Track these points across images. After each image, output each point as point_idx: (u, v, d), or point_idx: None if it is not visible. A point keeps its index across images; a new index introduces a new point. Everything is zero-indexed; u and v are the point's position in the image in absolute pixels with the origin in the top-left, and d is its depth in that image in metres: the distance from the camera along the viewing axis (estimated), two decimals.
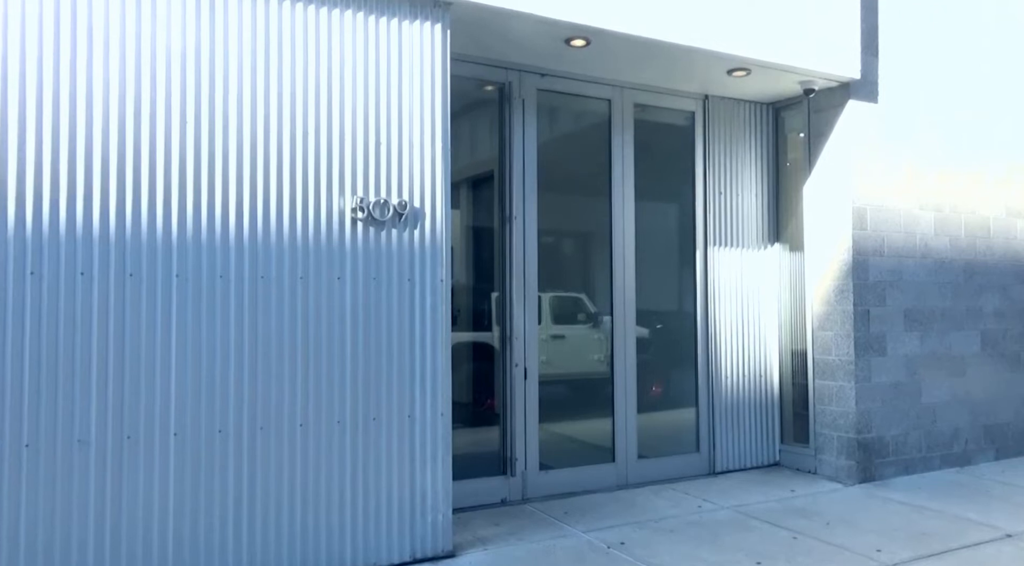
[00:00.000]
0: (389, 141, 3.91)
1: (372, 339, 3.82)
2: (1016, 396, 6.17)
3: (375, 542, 3.78)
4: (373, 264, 3.84)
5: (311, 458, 3.66)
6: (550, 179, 5.20)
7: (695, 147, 5.76)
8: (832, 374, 5.50)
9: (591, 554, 3.99)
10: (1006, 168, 6.20)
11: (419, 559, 3.86)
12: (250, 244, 3.56)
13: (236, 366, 3.51)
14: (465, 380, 5.18)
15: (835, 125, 5.51)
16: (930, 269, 5.76)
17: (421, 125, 3.99)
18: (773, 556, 3.95)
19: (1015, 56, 6.28)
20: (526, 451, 4.96)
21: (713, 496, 5.06)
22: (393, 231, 3.89)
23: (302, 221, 3.69)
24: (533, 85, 5.10)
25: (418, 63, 3.99)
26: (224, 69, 3.54)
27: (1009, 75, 6.24)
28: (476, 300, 5.23)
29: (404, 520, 3.84)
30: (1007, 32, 6.24)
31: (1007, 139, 6.21)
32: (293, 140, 3.68)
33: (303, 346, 3.66)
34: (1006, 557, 3.94)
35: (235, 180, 3.54)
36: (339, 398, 3.73)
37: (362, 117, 3.85)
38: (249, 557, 3.49)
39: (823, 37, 5.18)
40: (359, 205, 3.80)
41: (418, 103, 3.99)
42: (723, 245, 5.78)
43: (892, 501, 4.95)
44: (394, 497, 3.83)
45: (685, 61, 4.99)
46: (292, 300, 3.65)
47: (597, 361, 5.49)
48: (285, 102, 3.67)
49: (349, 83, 3.82)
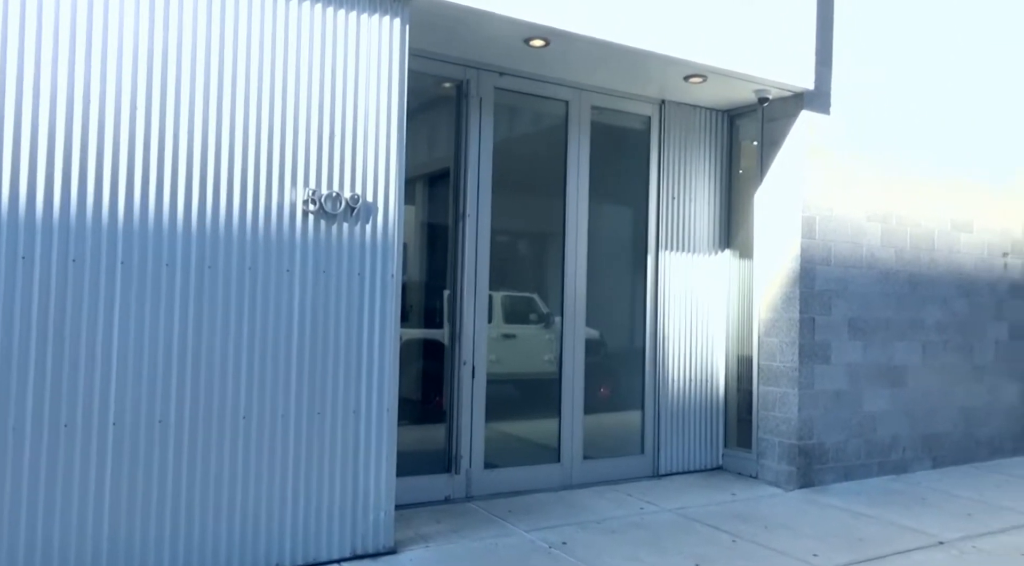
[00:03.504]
0: (343, 134, 3.87)
1: (320, 333, 3.78)
2: (954, 407, 6.35)
3: (316, 538, 3.73)
4: (323, 257, 3.80)
5: (253, 452, 3.60)
6: (505, 178, 5.20)
7: (650, 151, 5.82)
8: (776, 380, 5.61)
9: (533, 553, 4.00)
10: (951, 183, 6.39)
11: (360, 555, 3.82)
12: (198, 233, 3.50)
13: (179, 355, 3.44)
14: (415, 377, 5.16)
15: (788, 134, 5.61)
16: (875, 279, 5.90)
17: (377, 119, 3.96)
18: (712, 559, 4.00)
19: (962, 75, 6.48)
20: (471, 449, 4.96)
21: (656, 498, 5.11)
22: (345, 225, 3.86)
23: (252, 212, 3.63)
24: (491, 83, 5.10)
25: (375, 57, 3.96)
26: (177, 57, 3.47)
27: (956, 93, 6.43)
28: (428, 297, 5.21)
29: (346, 516, 3.81)
30: (955, 52, 6.43)
31: (953, 155, 6.40)
32: (246, 130, 3.62)
33: (248, 337, 3.60)
34: (937, 563, 4.05)
35: (184, 168, 3.47)
36: (284, 391, 3.68)
37: (317, 109, 3.80)
38: (186, 552, 3.43)
39: (779, 47, 5.28)
40: (311, 197, 3.76)
41: (374, 97, 3.95)
42: (674, 250, 5.84)
43: (830, 507, 5.06)
44: (336, 493, 3.79)
45: (643, 65, 5.04)
46: (239, 291, 3.59)
47: (547, 361, 5.51)
48: (238, 91, 3.60)
49: (305, 74, 3.77)
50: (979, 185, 6.57)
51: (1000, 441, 6.67)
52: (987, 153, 6.65)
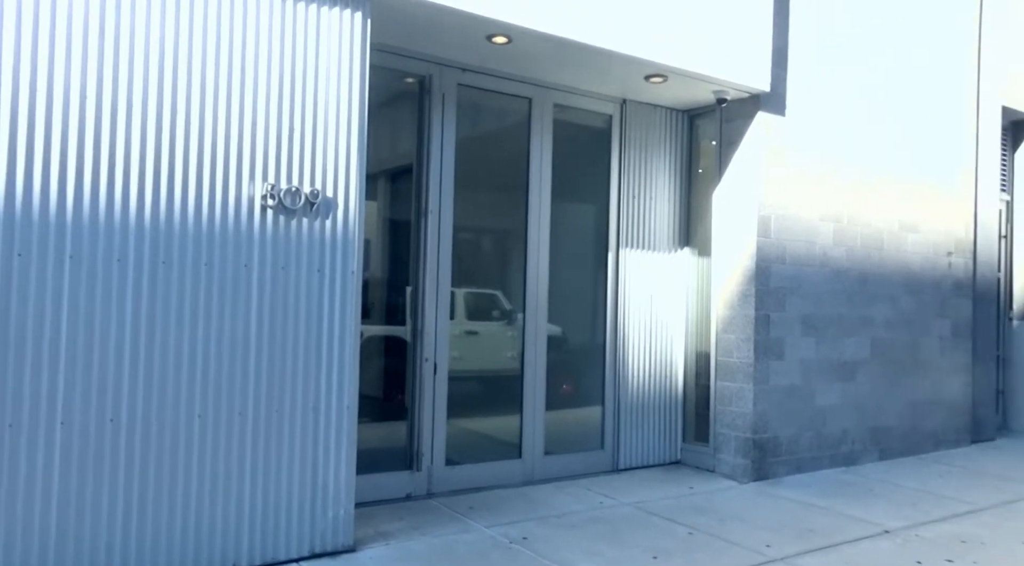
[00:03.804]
0: (303, 128, 3.82)
1: (278, 329, 3.74)
2: (900, 401, 6.56)
3: (274, 537, 3.69)
4: (282, 253, 3.76)
5: (209, 450, 3.54)
6: (468, 175, 5.20)
7: (611, 150, 5.88)
8: (733, 376, 5.72)
9: (493, 549, 4.02)
10: (899, 185, 6.58)
11: (318, 554, 3.80)
12: (151, 228, 3.42)
13: (131, 352, 3.37)
14: (376, 374, 5.14)
15: (745, 135, 5.72)
16: (827, 277, 6.06)
17: (337, 114, 3.92)
18: (670, 551, 4.08)
19: (908, 82, 6.67)
20: (433, 446, 4.96)
21: (615, 492, 5.18)
22: (304, 220, 3.81)
23: (208, 206, 3.57)
24: (454, 80, 5.09)
25: (336, 50, 3.92)
26: (129, 47, 3.38)
27: (902, 99, 6.63)
28: (390, 294, 5.19)
29: (304, 514, 3.78)
30: (900, 59, 6.62)
31: (900, 158, 6.60)
32: (201, 122, 3.55)
33: (204, 334, 3.54)
34: (883, 552, 4.19)
35: (137, 161, 3.39)
36: (241, 388, 3.63)
37: (276, 102, 3.75)
38: (138, 554, 3.36)
39: (737, 50, 5.37)
40: (269, 192, 3.71)
41: (335, 91, 3.91)
42: (635, 247, 5.92)
43: (783, 498, 5.19)
44: (295, 491, 3.76)
45: (605, 64, 5.08)
46: (195, 287, 3.52)
47: (510, 358, 5.53)
48: (194, 82, 3.53)
49: (264, 67, 3.71)
50: (925, 187, 6.79)
51: (943, 433, 6.91)
52: (932, 157, 6.87)
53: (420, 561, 3.82)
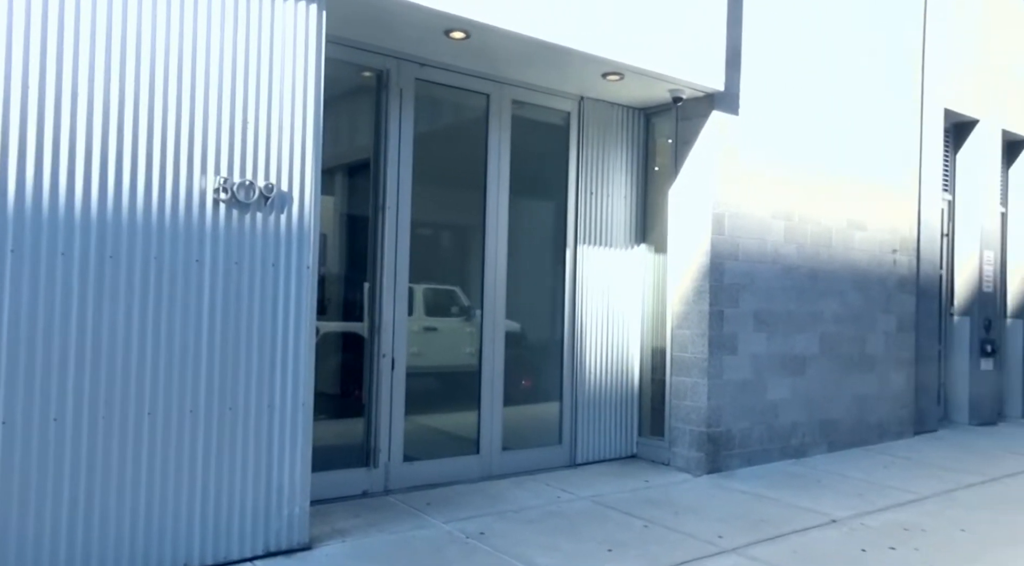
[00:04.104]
0: (257, 121, 3.76)
1: (232, 325, 3.67)
2: (848, 394, 6.75)
3: (227, 536, 3.63)
4: (235, 248, 3.69)
5: (159, 449, 3.47)
6: (427, 170, 5.18)
7: (569, 147, 5.91)
8: (688, 371, 5.82)
9: (450, 545, 4.03)
10: (848, 184, 6.76)
11: (273, 553, 3.75)
12: (98, 221, 3.33)
13: (77, 349, 3.27)
14: (334, 370, 5.09)
15: (700, 133, 5.81)
16: (779, 274, 6.20)
17: (292, 106, 3.87)
18: (625, 543, 4.13)
19: (858, 84, 6.86)
20: (390, 442, 4.93)
21: (573, 487, 5.23)
22: (258, 214, 3.75)
23: (158, 200, 3.49)
24: (412, 74, 5.06)
25: (291, 42, 3.86)
26: (75, 33, 3.28)
27: (852, 101, 6.81)
28: (348, 289, 5.15)
29: (259, 513, 3.72)
30: (851, 62, 6.80)
31: (850, 158, 6.78)
32: (151, 113, 3.46)
33: (154, 331, 3.46)
34: (830, 540, 4.31)
35: (83, 151, 3.29)
36: (193, 386, 3.56)
37: (229, 94, 3.68)
38: (84, 555, 3.27)
39: (692, 50, 5.45)
40: (222, 186, 3.64)
41: (290, 83, 3.86)
42: (592, 244, 5.97)
43: (735, 490, 5.30)
44: (248, 489, 3.70)
45: (562, 62, 5.10)
46: (144, 282, 3.44)
47: (469, 354, 5.53)
48: (143, 72, 3.44)
49: (216, 58, 3.64)
50: (872, 187, 6.99)
51: (888, 425, 7.13)
52: (879, 157, 7.07)
53: (376, 557, 3.80)
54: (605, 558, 3.91)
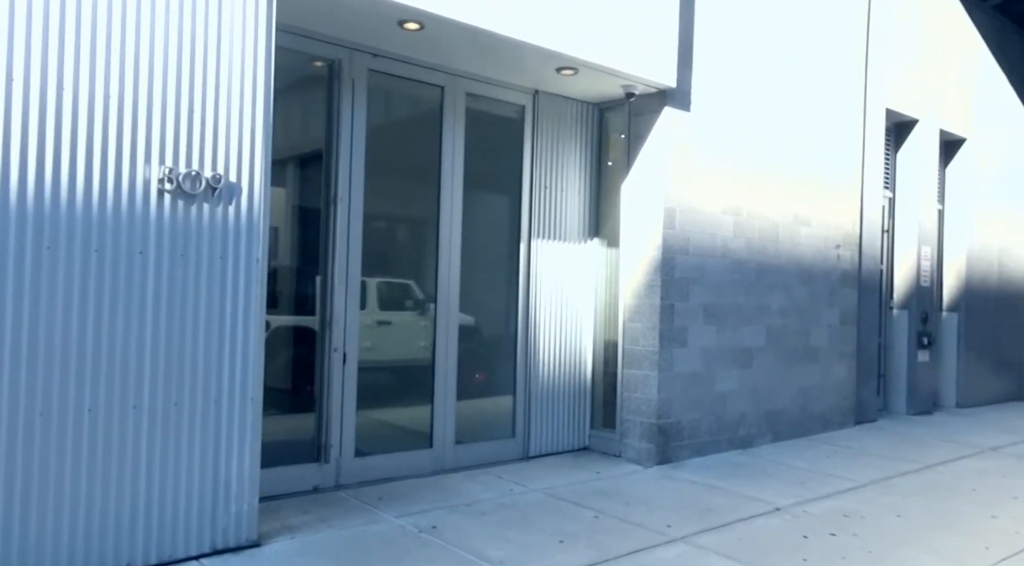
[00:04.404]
0: (204, 110, 3.67)
1: (177, 319, 3.59)
2: (793, 385, 6.94)
3: (172, 535, 3.56)
4: (181, 239, 3.60)
5: (100, 446, 3.37)
6: (380, 162, 5.13)
7: (524, 140, 5.92)
8: (639, 363, 5.90)
9: (402, 539, 4.02)
10: (795, 180, 6.93)
11: (220, 550, 3.69)
12: (35, 212, 3.21)
13: (12, 344, 3.15)
14: (285, 365, 5.02)
15: (652, 129, 5.88)
16: (728, 268, 6.32)
17: (241, 96, 3.79)
18: (576, 534, 4.18)
19: (805, 84, 7.02)
20: (342, 437, 4.89)
21: (525, 479, 5.26)
22: (205, 205, 3.67)
23: (99, 190, 3.38)
24: (364, 65, 4.99)
25: (240, 29, 3.77)
26: (8, 16, 3.14)
27: (799, 100, 6.97)
28: (300, 283, 5.08)
29: (205, 510, 3.65)
30: (799, 63, 6.96)
31: (797, 155, 6.94)
32: (91, 99, 3.35)
33: (95, 324, 3.36)
34: (774, 528, 4.43)
35: (18, 140, 3.17)
36: (136, 381, 3.47)
37: (174, 81, 3.58)
38: (20, 556, 3.16)
39: (645, 46, 5.51)
40: (167, 176, 3.54)
41: (239, 72, 3.77)
42: (546, 238, 6.00)
43: (684, 481, 5.40)
44: (195, 486, 3.63)
45: (517, 55, 5.10)
46: (84, 274, 3.33)
47: (423, 348, 5.51)
48: (83, 56, 3.32)
49: (161, 43, 3.54)
50: (817, 183, 7.17)
51: (831, 416, 7.36)
52: (824, 155, 7.26)
53: (327, 553, 3.77)
54: (556, 549, 3.95)
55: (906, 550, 4.11)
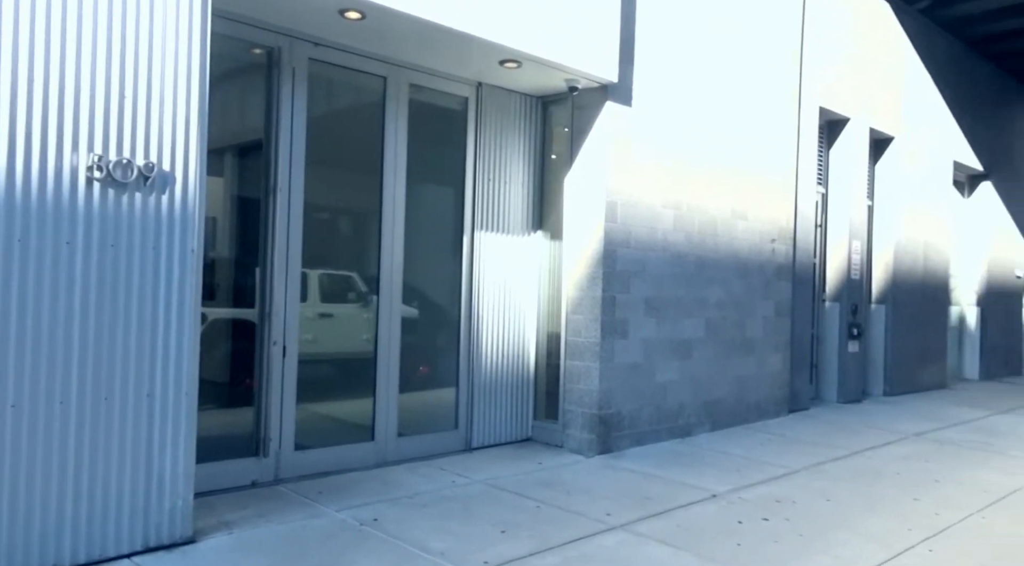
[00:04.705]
0: (136, 96, 3.56)
1: (107, 311, 3.48)
2: (730, 376, 7.13)
3: (101, 533, 3.46)
4: (111, 229, 3.49)
5: (24, 443, 3.25)
6: (321, 153, 5.06)
7: (467, 133, 5.92)
8: (581, 355, 5.98)
9: (342, 532, 3.99)
10: (732, 175, 7.10)
11: (153, 547, 3.60)
12: None
13: None
14: (223, 358, 4.92)
15: (594, 123, 5.94)
16: (668, 261, 6.44)
17: (175, 82, 3.68)
18: (518, 524, 4.22)
19: (743, 81, 7.20)
20: (281, 431, 4.82)
21: (468, 471, 5.28)
22: (137, 195, 3.56)
23: (23, 177, 3.25)
24: (305, 54, 4.91)
25: (174, 13, 3.66)
26: None
27: (737, 97, 7.14)
28: (238, 274, 4.97)
29: (137, 507, 3.56)
30: (737, 61, 7.13)
31: (735, 151, 7.11)
32: (14, 83, 3.21)
33: (18, 316, 3.23)
34: (710, 514, 4.56)
35: None
36: (63, 375, 3.35)
37: (104, 67, 3.46)
38: None
39: (587, 40, 5.56)
40: (96, 164, 3.43)
41: (172, 57, 3.66)
42: (490, 230, 6.01)
43: (624, 470, 5.50)
44: (127, 483, 3.53)
45: (460, 47, 5.09)
46: (6, 265, 3.20)
47: (365, 341, 5.47)
48: (5, 37, 3.18)
49: (89, 26, 3.41)
50: (754, 178, 7.36)
51: (766, 405, 7.59)
52: (760, 151, 7.46)
53: (264, 548, 3.72)
54: (498, 539, 3.98)
55: (835, 533, 4.28)
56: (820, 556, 3.91)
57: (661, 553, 3.88)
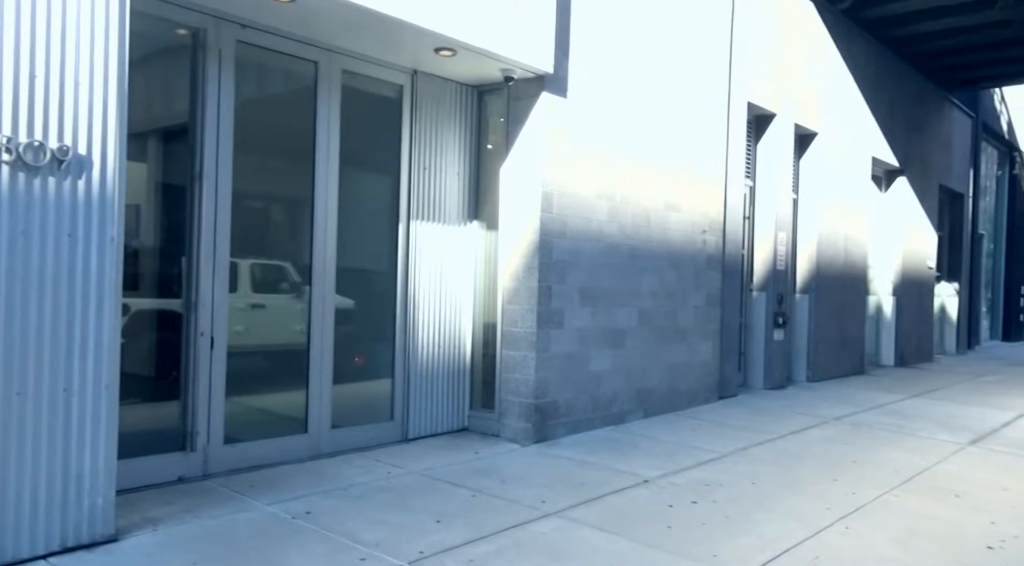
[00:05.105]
0: (49, 76, 3.38)
1: (18, 302, 3.31)
2: (662, 364, 7.28)
3: (15, 534, 3.30)
4: (22, 216, 3.32)
5: None
6: (251, 138, 4.92)
7: (402, 121, 5.85)
8: (517, 345, 6.01)
9: (273, 526, 3.91)
10: (665, 168, 7.23)
11: (72, 547, 3.45)
12: None
13: None
14: (148, 350, 4.75)
15: (530, 114, 5.96)
16: (603, 252, 6.53)
17: (92, 61, 3.51)
18: (453, 514, 4.22)
19: (675, 76, 7.33)
20: (209, 424, 4.69)
21: (404, 462, 5.25)
22: (51, 179, 3.39)
23: None
24: (232, 35, 4.76)
25: None
26: None
27: (670, 91, 7.27)
28: (164, 264, 4.80)
29: (54, 506, 3.41)
30: (670, 55, 7.25)
31: (667, 143, 7.25)
32: None
33: None
34: (642, 499, 4.66)
35: None
36: None
37: (12, 44, 3.27)
38: None
39: (523, 30, 5.56)
40: (5, 145, 3.25)
41: (88, 35, 3.49)
42: (425, 220, 5.97)
43: (559, 458, 5.57)
44: (42, 481, 3.37)
45: (393, 33, 5.02)
46: None
47: (298, 332, 5.36)
48: None
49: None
50: (686, 171, 7.52)
51: (697, 392, 7.79)
52: (692, 144, 7.62)
53: (190, 545, 3.62)
54: (433, 529, 3.97)
55: (758, 513, 4.43)
56: (745, 536, 4.05)
57: (594, 538, 3.95)
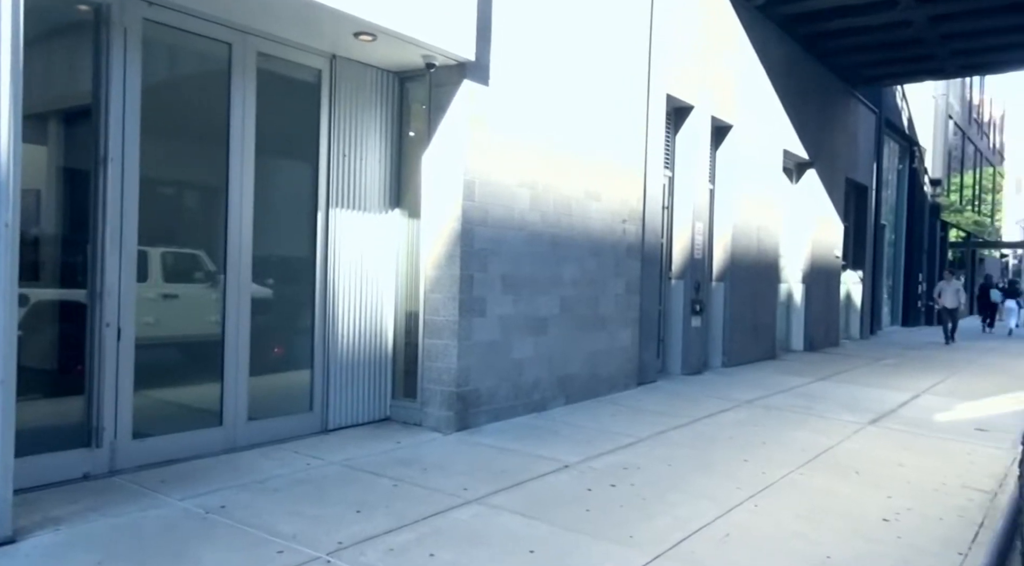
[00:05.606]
0: None
1: None
2: (583, 351, 7.42)
3: None
4: None
5: None
6: (161, 122, 4.74)
7: (321, 106, 5.73)
8: (439, 333, 6.01)
9: (185, 521, 3.81)
10: (587, 158, 7.34)
11: None
12: None
13: None
14: (49, 343, 4.53)
15: (452, 101, 5.94)
16: (525, 240, 6.59)
17: None
18: (374, 504, 4.20)
19: (597, 68, 7.44)
20: (116, 419, 4.51)
21: (323, 453, 5.19)
22: None
23: None
24: (138, 13, 4.55)
25: None
26: None
27: (591, 82, 7.38)
28: (66, 252, 4.58)
29: None
30: (591, 48, 7.35)
31: (589, 134, 7.35)
32: None
33: None
34: (562, 483, 4.75)
35: None
36: None
37: None
38: None
39: (444, 17, 5.52)
40: None
41: None
42: (345, 207, 5.88)
43: (481, 445, 5.62)
44: None
45: (310, 15, 4.91)
46: None
47: (214, 322, 5.21)
48: None
49: None
50: (606, 161, 7.66)
51: (617, 378, 7.98)
52: (613, 135, 7.76)
53: (96, 543, 3.49)
54: (353, 519, 3.95)
55: (673, 494, 4.59)
56: (661, 517, 4.19)
57: (515, 523, 4.01)
